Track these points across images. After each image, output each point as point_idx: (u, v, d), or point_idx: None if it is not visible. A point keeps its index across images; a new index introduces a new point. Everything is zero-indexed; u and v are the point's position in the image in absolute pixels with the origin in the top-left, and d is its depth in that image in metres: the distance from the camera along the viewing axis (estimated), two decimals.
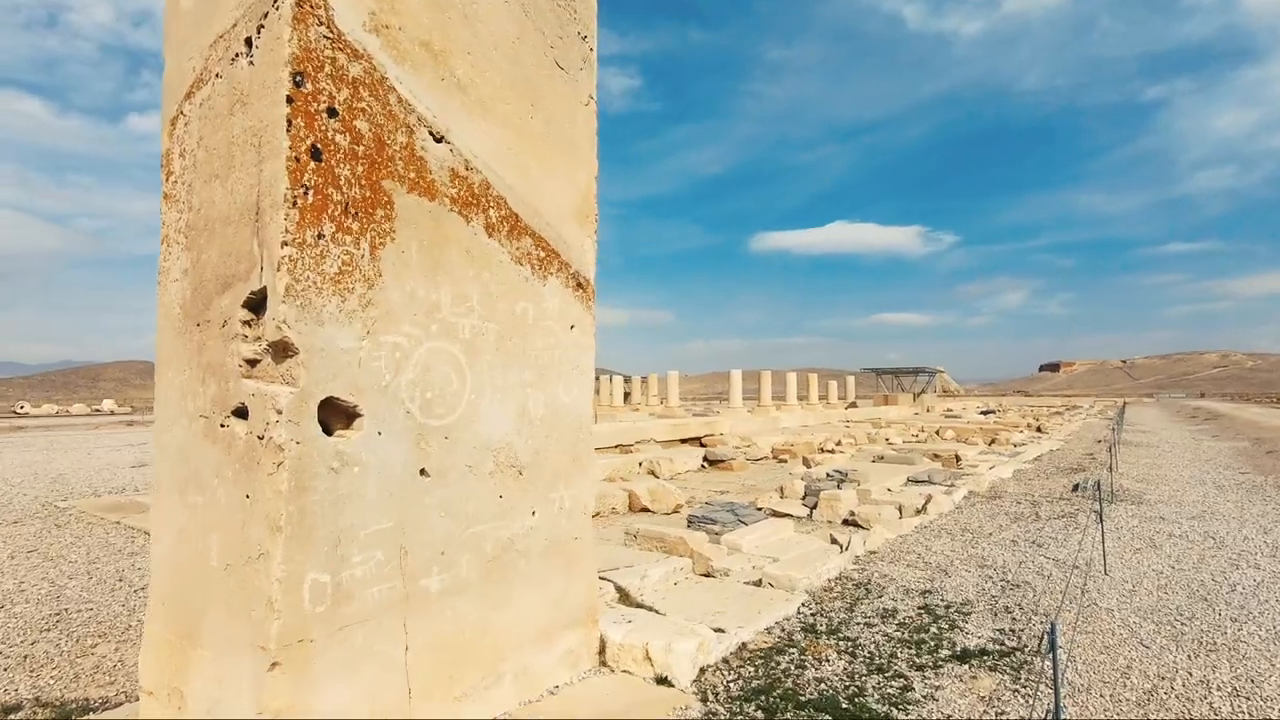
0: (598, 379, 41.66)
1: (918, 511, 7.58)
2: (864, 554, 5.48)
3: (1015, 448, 15.41)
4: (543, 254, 3.15)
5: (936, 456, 13.58)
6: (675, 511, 8.57)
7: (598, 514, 8.14)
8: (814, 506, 8.08)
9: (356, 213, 2.40)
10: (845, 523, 7.68)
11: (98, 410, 44.92)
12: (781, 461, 14.69)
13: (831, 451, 16.08)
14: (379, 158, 2.48)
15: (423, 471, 2.60)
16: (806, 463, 13.04)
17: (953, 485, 9.14)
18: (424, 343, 2.61)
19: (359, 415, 2.41)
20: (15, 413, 42.91)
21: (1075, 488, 8.66)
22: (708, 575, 5.04)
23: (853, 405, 40.31)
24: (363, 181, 2.43)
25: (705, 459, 13.21)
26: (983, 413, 35.37)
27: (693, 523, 6.32)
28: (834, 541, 6.08)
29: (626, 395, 45.37)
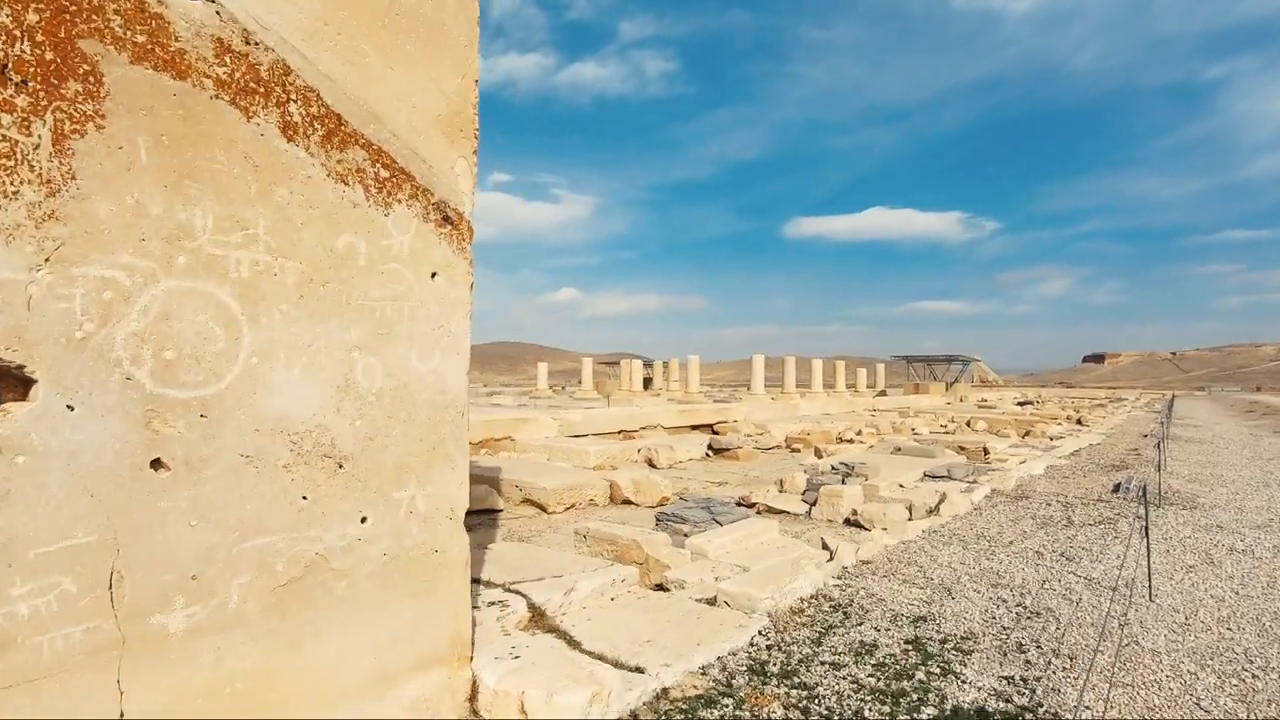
0: (617, 364, 40.79)
1: (929, 512, 6.66)
2: (854, 564, 4.61)
3: (1051, 441, 14.23)
4: (385, 174, 2.35)
5: (962, 449, 12.53)
6: (660, 505, 7.78)
7: (572, 506, 7.39)
8: (814, 503, 7.21)
9: (27, 81, 1.63)
10: (847, 522, 6.80)
11: None
12: (794, 451, 13.78)
13: (850, 441, 15.10)
14: (74, 6, 1.70)
15: (157, 463, 1.83)
16: (819, 453, 12.12)
17: (975, 482, 8.16)
18: (161, 281, 1.83)
19: (34, 381, 1.66)
20: None
21: (1116, 488, 7.62)
22: (660, 587, 4.23)
23: (882, 394, 38.92)
24: (40, 37, 1.65)
25: (710, 447, 12.37)
26: (1020, 403, 33.76)
27: (661, 521, 5.52)
28: (825, 547, 5.22)
29: (648, 381, 44.57)
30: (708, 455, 12.32)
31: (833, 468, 8.17)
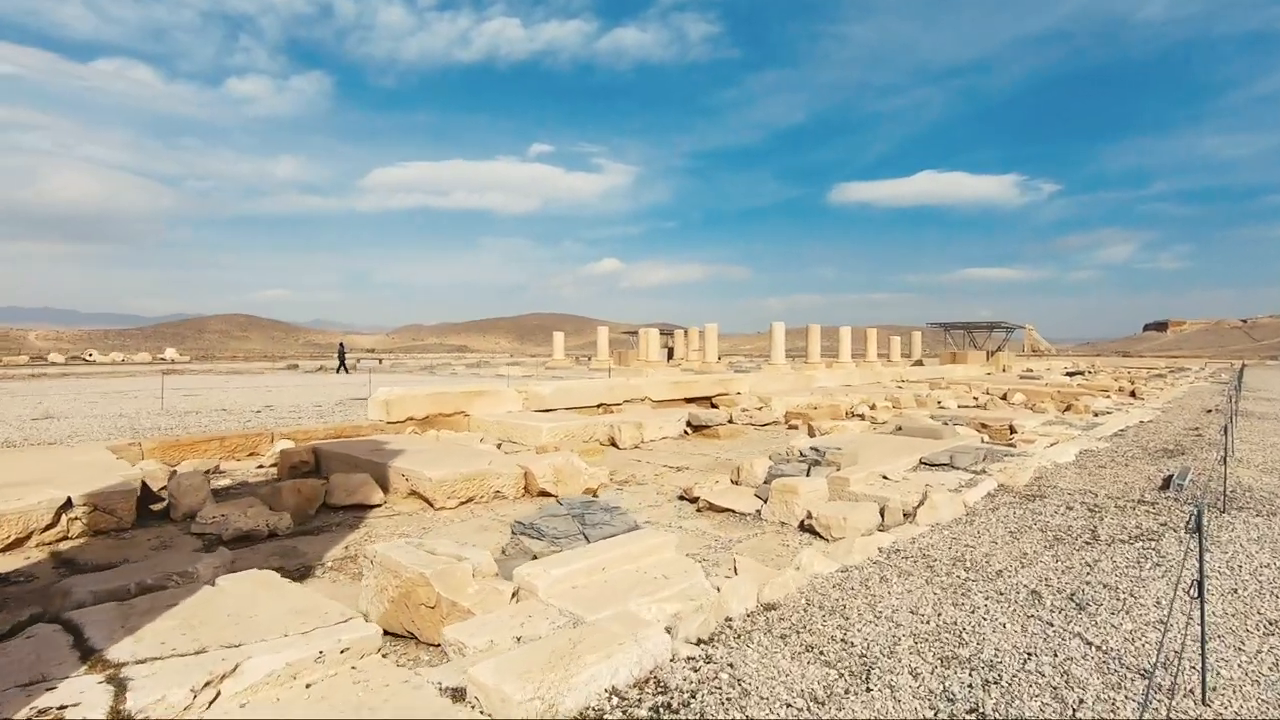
0: (635, 334, 39.13)
1: (906, 516, 5.09)
2: (749, 611, 3.13)
3: (1094, 418, 12.30)
4: None
5: (984, 427, 10.78)
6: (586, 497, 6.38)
7: (470, 500, 6.04)
8: (768, 499, 5.73)
9: None
10: (802, 527, 5.30)
11: (160, 358, 46.36)
12: (792, 428, 12.20)
13: (861, 417, 13.45)
14: None
15: None
16: (812, 431, 10.52)
17: (982, 472, 6.52)
18: None
19: None
20: (85, 359, 44.85)
21: (1166, 483, 5.89)
22: (441, 647, 2.84)
23: (918, 363, 36.62)
24: None
25: (689, 424, 10.88)
26: (1068, 373, 31.17)
27: (518, 534, 4.10)
28: (733, 573, 3.74)
29: (673, 351, 42.94)
30: (685, 433, 10.84)
31: (800, 454, 6.61)
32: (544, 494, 6.45)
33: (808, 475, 6.03)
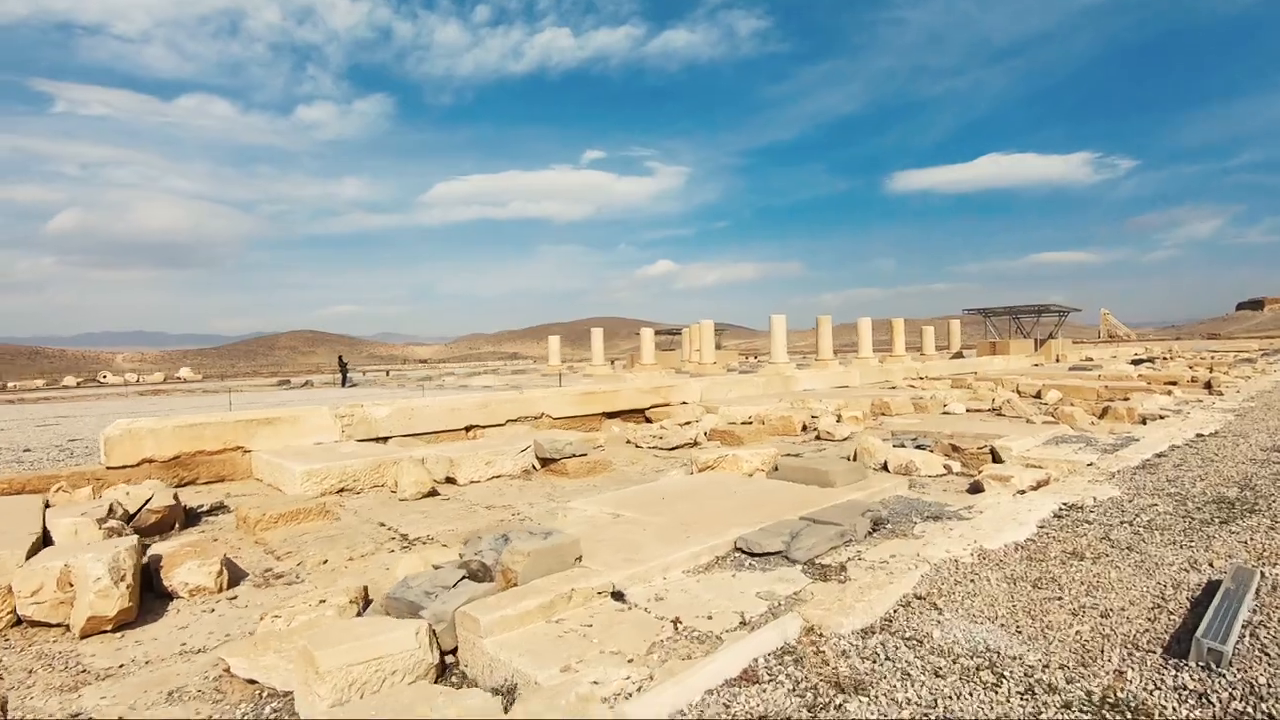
0: (639, 332, 36.21)
1: None
2: None
3: (1133, 428, 8.72)
4: None
5: (956, 450, 7.45)
6: (92, 633, 3.56)
7: None
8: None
9: None
10: None
11: (176, 377, 46.14)
12: (696, 449, 9.09)
13: (818, 433, 10.22)
14: None
15: None
16: (702, 468, 7.39)
17: (840, 570, 3.38)
18: None
19: None
20: (99, 381, 44.99)
21: (1187, 633, 2.63)
22: None
23: (958, 355, 32.36)
24: None
25: (536, 456, 7.92)
26: (1134, 361, 26.58)
27: None
28: None
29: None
30: (534, 468, 7.88)
31: (476, 552, 3.60)
32: (35, 624, 3.67)
33: (445, 592, 3.04)
